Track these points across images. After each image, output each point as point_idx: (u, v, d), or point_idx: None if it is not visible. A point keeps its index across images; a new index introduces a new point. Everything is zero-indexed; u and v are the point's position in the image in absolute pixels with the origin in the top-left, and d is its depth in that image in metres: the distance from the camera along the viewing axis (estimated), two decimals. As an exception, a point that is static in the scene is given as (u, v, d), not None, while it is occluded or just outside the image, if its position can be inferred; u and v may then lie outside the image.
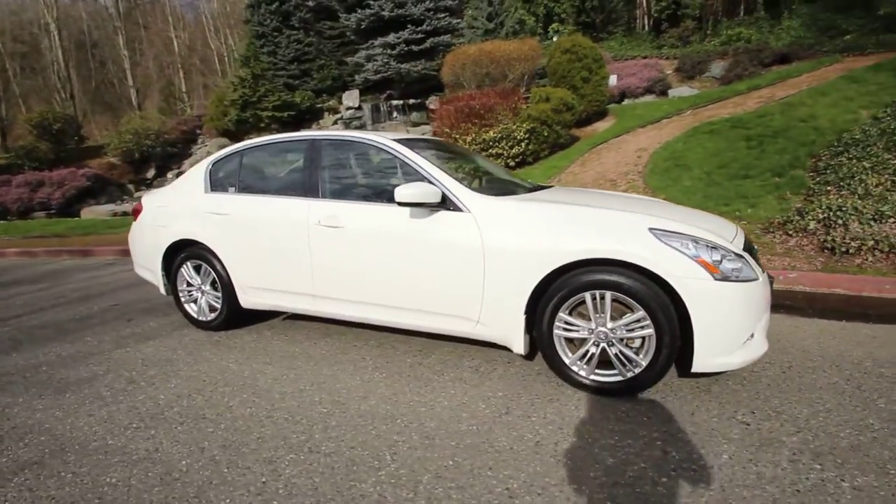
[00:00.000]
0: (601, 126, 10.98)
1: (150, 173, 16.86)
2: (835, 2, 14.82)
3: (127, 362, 3.06)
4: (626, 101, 13.33)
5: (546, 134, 9.40)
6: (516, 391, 2.45)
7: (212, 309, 3.49)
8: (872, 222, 4.45)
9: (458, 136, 9.63)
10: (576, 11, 19.12)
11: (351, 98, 16.24)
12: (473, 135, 9.48)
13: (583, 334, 2.37)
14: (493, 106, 9.78)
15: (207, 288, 3.46)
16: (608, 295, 2.25)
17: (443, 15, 16.39)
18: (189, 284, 3.55)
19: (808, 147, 6.81)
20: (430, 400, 2.40)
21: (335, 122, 16.27)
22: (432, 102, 16.75)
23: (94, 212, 13.78)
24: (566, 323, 2.37)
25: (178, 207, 3.51)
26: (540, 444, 2.00)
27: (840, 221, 4.54)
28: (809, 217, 4.80)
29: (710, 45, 15.46)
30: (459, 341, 3.07)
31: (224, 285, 3.33)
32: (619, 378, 2.32)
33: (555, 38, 17.60)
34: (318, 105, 16.90)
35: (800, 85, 9.34)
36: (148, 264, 3.72)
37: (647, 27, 18.11)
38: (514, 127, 9.30)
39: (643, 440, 1.99)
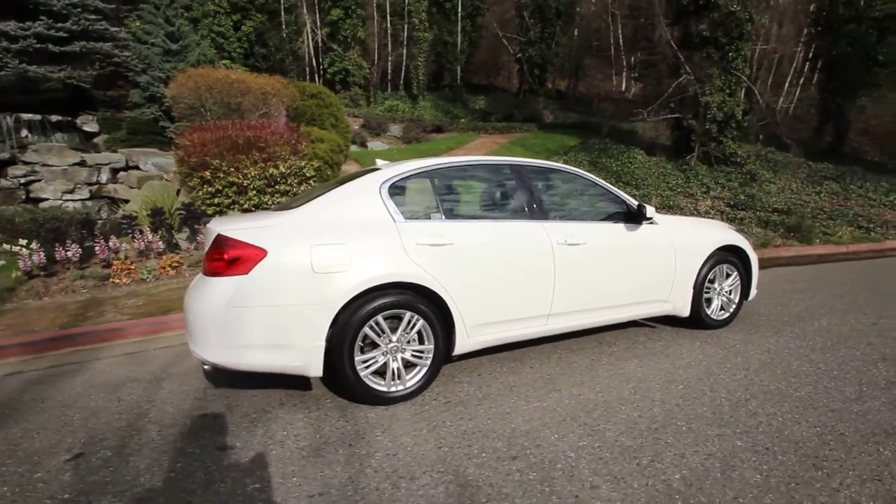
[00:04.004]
0: (349, 169, 11.92)
1: None
2: (444, 95, 21.32)
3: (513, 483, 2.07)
4: (335, 148, 14.65)
5: (329, 173, 9.61)
6: (708, 348, 3.55)
7: (415, 370, 2.66)
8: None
9: (227, 169, 8.20)
10: (244, 53, 18.87)
11: (-70, 100, 10.06)
12: (259, 170, 8.48)
13: (711, 294, 3.83)
14: (268, 138, 9.00)
15: (405, 344, 2.62)
16: (725, 266, 3.83)
17: (94, 17, 12.84)
18: (372, 347, 2.54)
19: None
20: (678, 367, 3.17)
21: None
22: (87, 123, 12.68)
23: None
24: (708, 288, 3.78)
25: (359, 243, 2.47)
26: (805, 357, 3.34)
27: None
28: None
29: (376, 111, 18.96)
30: (598, 331, 3.80)
31: (443, 332, 2.67)
32: (728, 315, 3.91)
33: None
34: None
35: (480, 148, 13.50)
36: (286, 339, 2.32)
37: (317, 83, 19.99)
38: (304, 164, 9.00)
39: (796, 347, 3.65)
